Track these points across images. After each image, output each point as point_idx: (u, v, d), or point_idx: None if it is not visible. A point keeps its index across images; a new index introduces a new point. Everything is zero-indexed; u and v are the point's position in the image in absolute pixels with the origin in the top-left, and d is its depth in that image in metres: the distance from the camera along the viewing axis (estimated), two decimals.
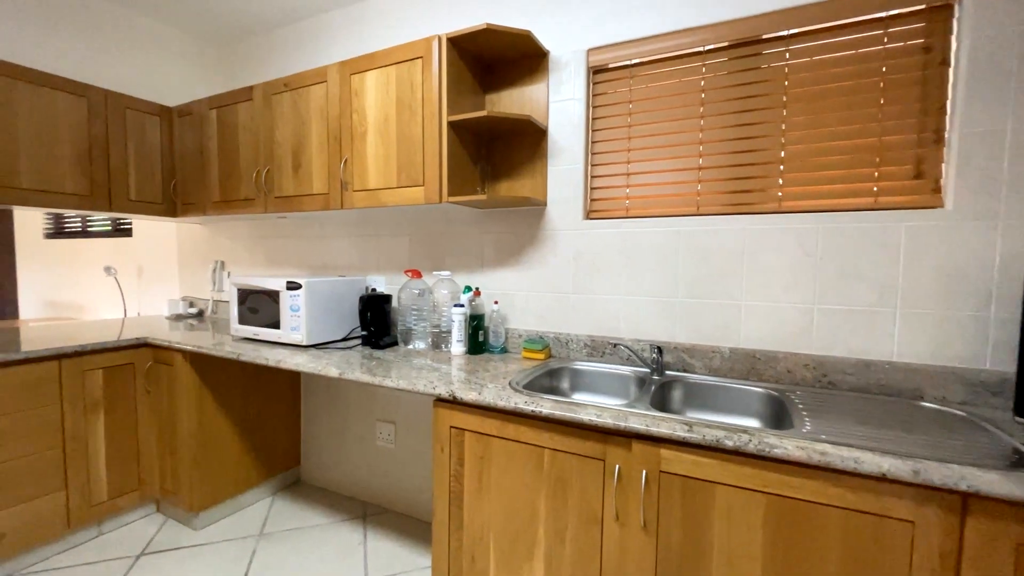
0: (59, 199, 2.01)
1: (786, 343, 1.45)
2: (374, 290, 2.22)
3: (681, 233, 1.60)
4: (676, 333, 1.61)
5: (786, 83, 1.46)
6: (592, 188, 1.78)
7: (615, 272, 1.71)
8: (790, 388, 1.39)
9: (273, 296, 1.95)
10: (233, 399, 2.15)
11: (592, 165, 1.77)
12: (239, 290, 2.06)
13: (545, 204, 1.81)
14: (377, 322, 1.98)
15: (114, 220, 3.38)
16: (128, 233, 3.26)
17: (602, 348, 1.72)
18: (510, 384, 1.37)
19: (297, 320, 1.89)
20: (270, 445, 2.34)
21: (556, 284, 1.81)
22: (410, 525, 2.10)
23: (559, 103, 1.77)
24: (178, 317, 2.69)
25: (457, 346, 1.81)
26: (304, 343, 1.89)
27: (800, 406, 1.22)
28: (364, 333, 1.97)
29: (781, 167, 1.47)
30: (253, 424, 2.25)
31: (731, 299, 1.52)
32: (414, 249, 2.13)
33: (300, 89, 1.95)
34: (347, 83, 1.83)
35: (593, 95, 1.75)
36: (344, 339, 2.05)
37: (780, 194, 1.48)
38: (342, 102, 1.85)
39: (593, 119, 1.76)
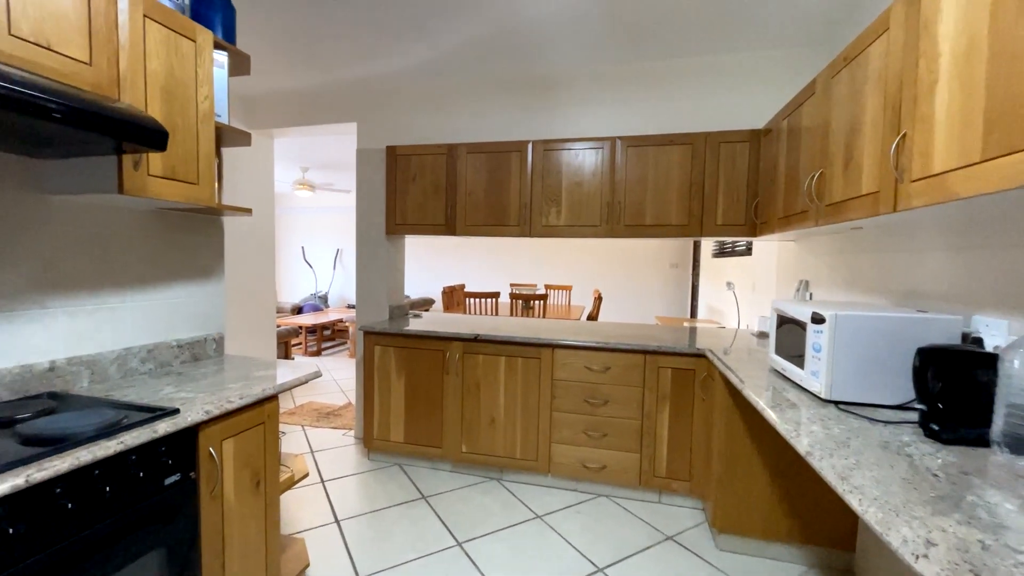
0: (667, 230, 2.57)
1: None
2: (975, 340, 1.30)
3: None
4: None
5: None
6: None
7: None
8: None
9: (801, 327, 1.59)
10: (765, 434, 1.95)
11: None
12: (778, 315, 1.83)
13: None
14: (953, 395, 1.16)
15: (747, 242, 3.84)
16: (750, 252, 3.62)
17: None
18: None
19: (818, 364, 1.45)
20: (813, 508, 1.92)
21: None
22: None
23: None
24: (761, 334, 2.72)
25: None
26: (822, 395, 1.42)
27: None
28: (923, 408, 1.21)
29: None
30: (792, 473, 1.93)
31: None
32: None
33: (857, 58, 1.45)
34: (914, 15, 1.18)
35: None
36: (899, 407, 1.36)
37: None
38: (906, 49, 1.21)
39: None
